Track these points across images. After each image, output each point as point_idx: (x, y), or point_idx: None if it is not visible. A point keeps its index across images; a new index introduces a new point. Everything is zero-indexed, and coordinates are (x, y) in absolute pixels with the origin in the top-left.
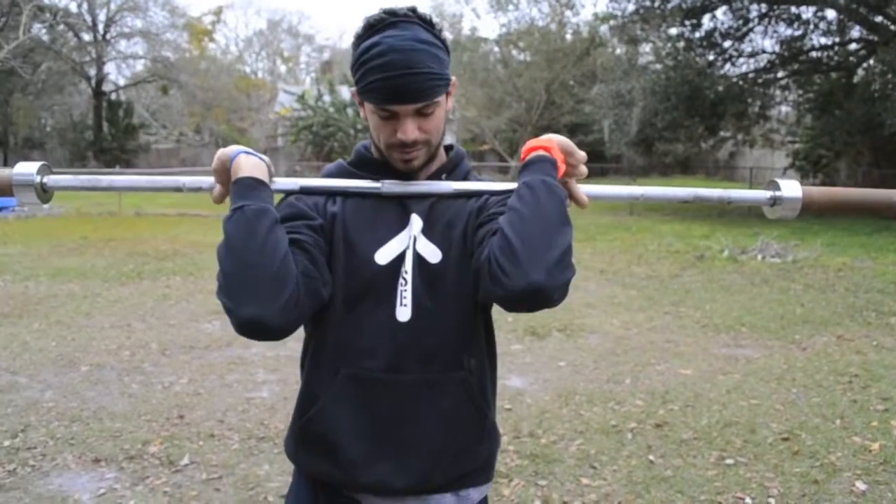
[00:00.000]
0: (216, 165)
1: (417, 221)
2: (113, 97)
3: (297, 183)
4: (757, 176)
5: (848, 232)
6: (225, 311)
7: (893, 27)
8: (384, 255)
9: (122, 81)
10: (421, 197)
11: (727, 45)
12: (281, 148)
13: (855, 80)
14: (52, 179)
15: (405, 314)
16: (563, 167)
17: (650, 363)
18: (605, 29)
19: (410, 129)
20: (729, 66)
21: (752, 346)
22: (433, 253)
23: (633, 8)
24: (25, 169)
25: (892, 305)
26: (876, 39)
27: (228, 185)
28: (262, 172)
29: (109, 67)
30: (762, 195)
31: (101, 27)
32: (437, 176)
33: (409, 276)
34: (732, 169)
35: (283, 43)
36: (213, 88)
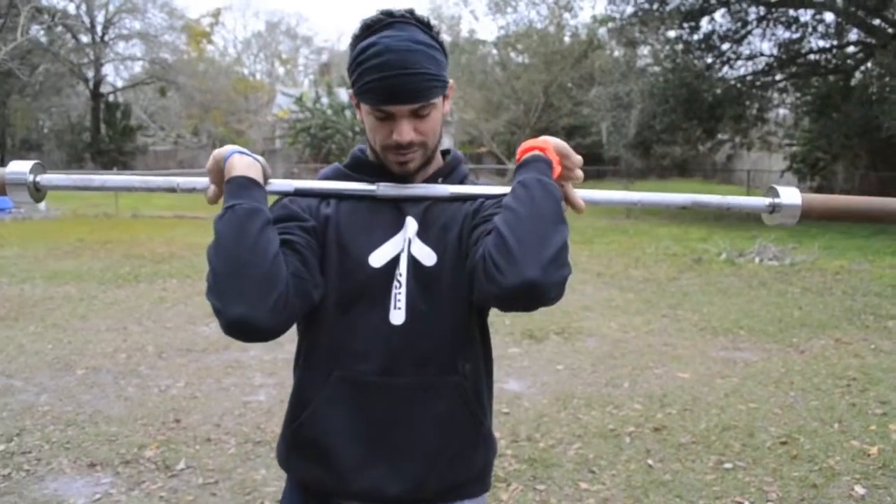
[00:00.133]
0: (211, 165)
1: (412, 224)
2: (111, 99)
3: (291, 184)
4: (754, 179)
5: (845, 235)
6: (214, 311)
7: (891, 30)
8: (378, 257)
9: (119, 83)
10: (416, 200)
11: (725, 47)
12: (279, 150)
13: (852, 82)
14: (45, 178)
15: (399, 317)
16: (558, 168)
17: (648, 367)
18: (603, 31)
19: (406, 130)
20: (727, 68)
21: (749, 349)
22: (428, 256)
23: (631, 10)
24: (18, 167)
25: (889, 309)
26: (874, 42)
27: (221, 183)
28: (255, 172)
29: (107, 69)
30: (761, 202)
31: (99, 29)
32: (433, 179)
33: (403, 278)
34: (730, 172)
35: (281, 45)
36: (210, 90)
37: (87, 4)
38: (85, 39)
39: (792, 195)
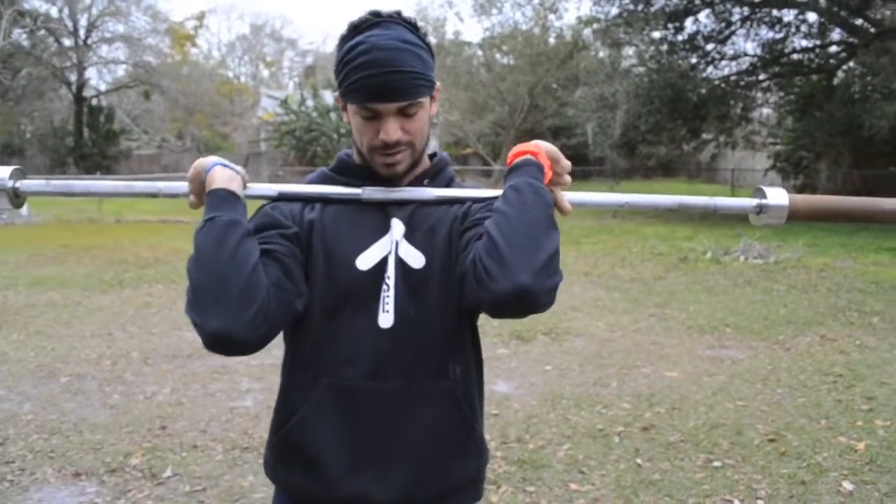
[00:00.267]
0: (192, 175)
1: (399, 226)
2: (94, 103)
3: (274, 189)
4: (738, 178)
5: (829, 232)
6: (193, 326)
7: (873, 30)
8: (366, 260)
9: (103, 87)
10: (402, 203)
11: (709, 47)
12: (264, 153)
13: (835, 82)
14: (24, 184)
15: (388, 321)
16: (549, 173)
17: (636, 366)
18: (588, 32)
19: (393, 129)
20: (711, 68)
21: (736, 347)
22: (416, 258)
23: (616, 12)
24: None
25: (873, 305)
26: (856, 42)
27: (202, 194)
28: (236, 185)
29: (90, 73)
30: (748, 203)
31: (82, 32)
32: (419, 181)
33: (391, 281)
34: (714, 171)
35: (265, 47)
36: (195, 93)
37: (69, 8)
38: (68, 43)
39: (779, 196)
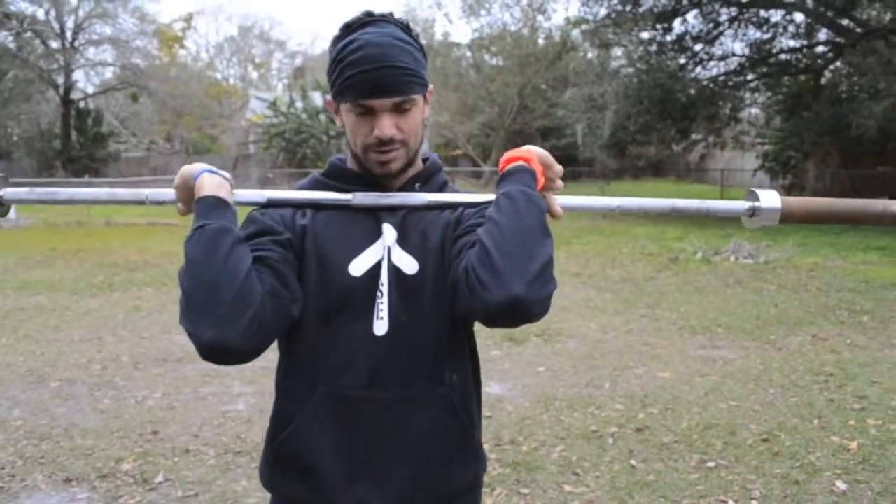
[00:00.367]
0: (179, 183)
1: (391, 232)
2: (81, 105)
3: (263, 195)
4: (728, 178)
5: (818, 232)
6: (188, 336)
7: (860, 30)
8: (358, 266)
9: (90, 89)
10: (393, 208)
11: (698, 48)
12: (253, 155)
13: (822, 82)
14: (8, 192)
15: (382, 328)
16: (541, 179)
17: (628, 366)
18: (576, 33)
19: (387, 125)
20: (700, 69)
21: (728, 347)
22: (409, 264)
23: (604, 12)
24: None
25: (863, 304)
26: (843, 42)
27: (189, 202)
28: (225, 192)
29: (78, 75)
30: (741, 206)
31: (69, 34)
32: (410, 185)
33: (385, 288)
34: (703, 171)
35: (254, 49)
36: (183, 95)
37: (56, 10)
38: (55, 45)
39: (771, 198)
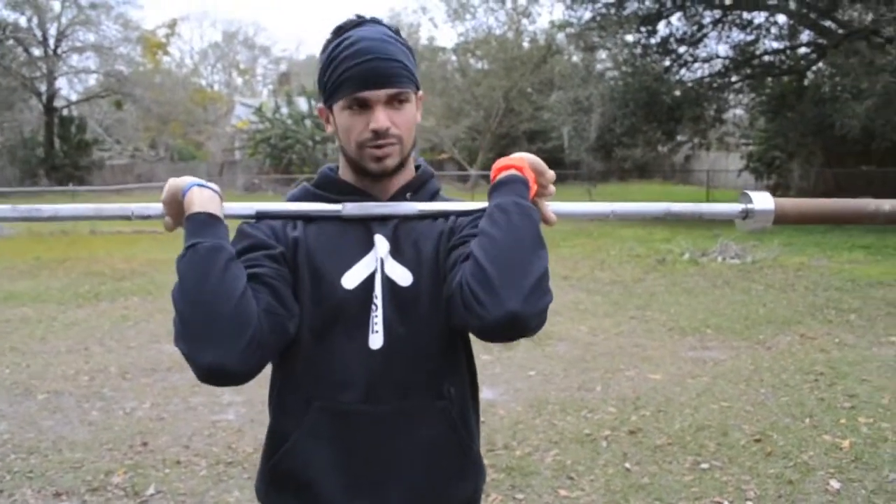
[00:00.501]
0: (167, 198)
1: (383, 243)
2: (65, 113)
3: (253, 208)
4: (713, 179)
5: (803, 232)
6: (185, 358)
7: (842, 31)
8: (351, 279)
9: (74, 97)
10: (383, 219)
11: (682, 50)
12: (239, 161)
13: (806, 82)
14: None
15: (377, 341)
16: (534, 187)
17: (619, 369)
18: (561, 37)
19: (382, 117)
20: (684, 71)
21: (718, 347)
22: (403, 276)
23: (589, 16)
24: None
25: (850, 303)
26: (825, 43)
27: (179, 217)
28: (215, 206)
29: (61, 83)
30: (734, 208)
31: (51, 42)
32: (401, 194)
33: (379, 300)
34: (689, 172)
35: (239, 55)
36: (168, 102)
37: (38, 17)
38: (37, 52)
39: (764, 200)
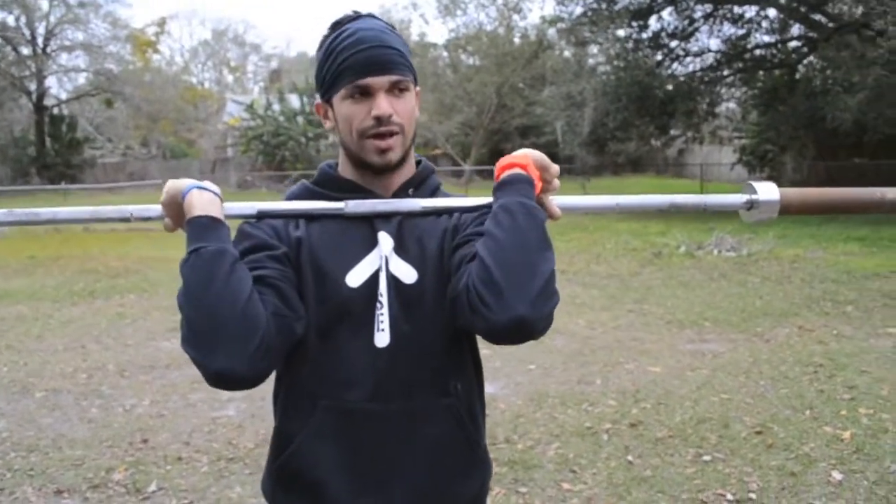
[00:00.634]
0: (166, 199)
1: (387, 240)
2: (55, 112)
3: (254, 207)
4: (706, 172)
5: (798, 223)
6: (193, 363)
7: (832, 24)
8: (356, 277)
9: (64, 95)
10: (387, 216)
11: (674, 44)
12: (231, 158)
13: (797, 76)
14: None
15: (383, 340)
16: (539, 184)
17: (619, 362)
18: (552, 32)
19: (385, 103)
20: (676, 65)
21: (716, 340)
22: (408, 273)
23: (580, 11)
24: None
25: (847, 294)
26: (816, 37)
27: (179, 219)
28: (216, 209)
29: (51, 81)
30: (738, 199)
31: (40, 40)
32: (403, 190)
33: (384, 298)
34: (682, 166)
35: (229, 52)
36: (158, 100)
37: (27, 16)
38: (26, 52)
39: (769, 191)
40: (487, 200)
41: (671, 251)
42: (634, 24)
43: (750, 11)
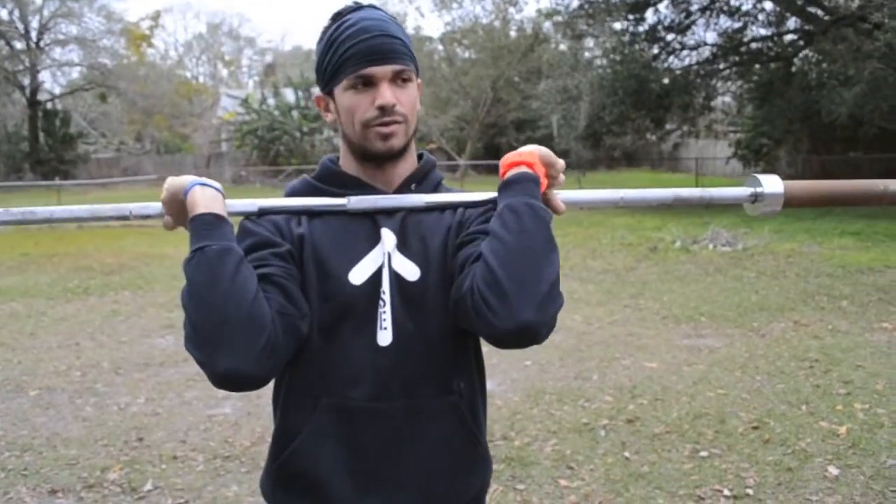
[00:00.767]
0: (167, 197)
1: (390, 237)
2: (49, 106)
3: (255, 204)
4: (701, 166)
5: (793, 217)
6: (198, 364)
7: (828, 18)
8: (358, 274)
9: (57, 90)
10: (390, 212)
11: (670, 38)
12: (226, 153)
13: (793, 69)
14: None
15: (386, 338)
16: (545, 182)
17: (615, 358)
18: (548, 25)
19: (388, 93)
20: (673, 58)
21: (712, 335)
22: (411, 270)
23: (577, 3)
24: None
25: (842, 289)
26: (812, 30)
27: (180, 216)
28: (219, 206)
29: (44, 76)
30: (743, 192)
31: (34, 35)
32: (406, 185)
33: (387, 296)
34: (677, 160)
35: (224, 46)
36: (153, 95)
37: (20, 10)
38: (19, 46)
39: (774, 183)
40: (491, 196)
41: (667, 246)
42: (631, 16)
43: (746, 4)
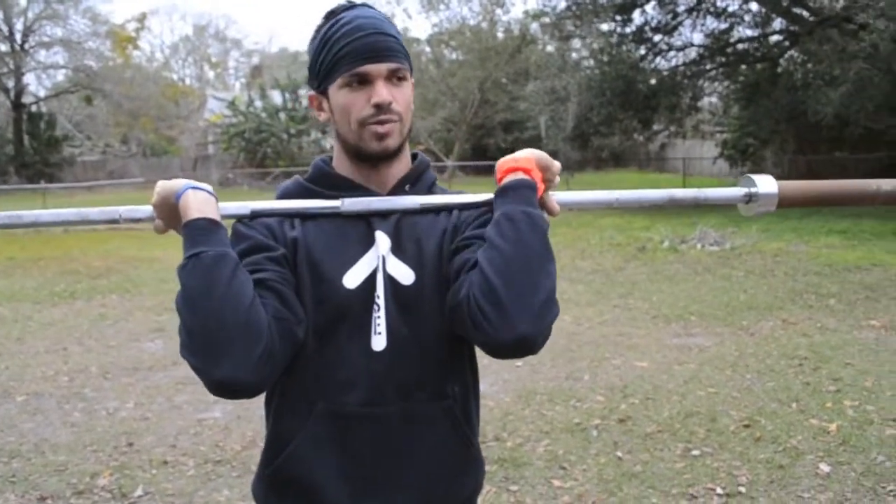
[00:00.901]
0: (158, 201)
1: (384, 240)
2: (34, 109)
3: (247, 207)
4: (688, 166)
5: (780, 217)
6: (193, 371)
7: (813, 18)
8: (353, 277)
9: (42, 92)
10: (384, 214)
11: (657, 39)
12: (212, 155)
13: (779, 70)
14: None
15: (380, 343)
16: (541, 187)
17: (606, 357)
18: (536, 26)
19: (384, 91)
20: (660, 59)
21: (702, 334)
22: (406, 274)
23: (564, 5)
24: None
25: (829, 287)
26: (798, 30)
27: (172, 220)
28: (212, 209)
29: (29, 78)
30: (737, 192)
31: (18, 37)
32: (400, 187)
33: (381, 300)
34: (664, 160)
35: (210, 48)
36: (139, 97)
37: (4, 12)
38: (3, 48)
39: (768, 183)
40: (487, 197)
41: (655, 246)
42: (618, 18)
43: (733, 5)
